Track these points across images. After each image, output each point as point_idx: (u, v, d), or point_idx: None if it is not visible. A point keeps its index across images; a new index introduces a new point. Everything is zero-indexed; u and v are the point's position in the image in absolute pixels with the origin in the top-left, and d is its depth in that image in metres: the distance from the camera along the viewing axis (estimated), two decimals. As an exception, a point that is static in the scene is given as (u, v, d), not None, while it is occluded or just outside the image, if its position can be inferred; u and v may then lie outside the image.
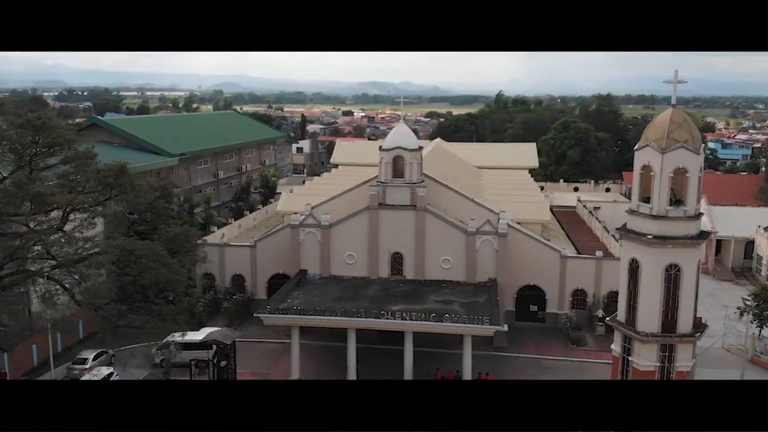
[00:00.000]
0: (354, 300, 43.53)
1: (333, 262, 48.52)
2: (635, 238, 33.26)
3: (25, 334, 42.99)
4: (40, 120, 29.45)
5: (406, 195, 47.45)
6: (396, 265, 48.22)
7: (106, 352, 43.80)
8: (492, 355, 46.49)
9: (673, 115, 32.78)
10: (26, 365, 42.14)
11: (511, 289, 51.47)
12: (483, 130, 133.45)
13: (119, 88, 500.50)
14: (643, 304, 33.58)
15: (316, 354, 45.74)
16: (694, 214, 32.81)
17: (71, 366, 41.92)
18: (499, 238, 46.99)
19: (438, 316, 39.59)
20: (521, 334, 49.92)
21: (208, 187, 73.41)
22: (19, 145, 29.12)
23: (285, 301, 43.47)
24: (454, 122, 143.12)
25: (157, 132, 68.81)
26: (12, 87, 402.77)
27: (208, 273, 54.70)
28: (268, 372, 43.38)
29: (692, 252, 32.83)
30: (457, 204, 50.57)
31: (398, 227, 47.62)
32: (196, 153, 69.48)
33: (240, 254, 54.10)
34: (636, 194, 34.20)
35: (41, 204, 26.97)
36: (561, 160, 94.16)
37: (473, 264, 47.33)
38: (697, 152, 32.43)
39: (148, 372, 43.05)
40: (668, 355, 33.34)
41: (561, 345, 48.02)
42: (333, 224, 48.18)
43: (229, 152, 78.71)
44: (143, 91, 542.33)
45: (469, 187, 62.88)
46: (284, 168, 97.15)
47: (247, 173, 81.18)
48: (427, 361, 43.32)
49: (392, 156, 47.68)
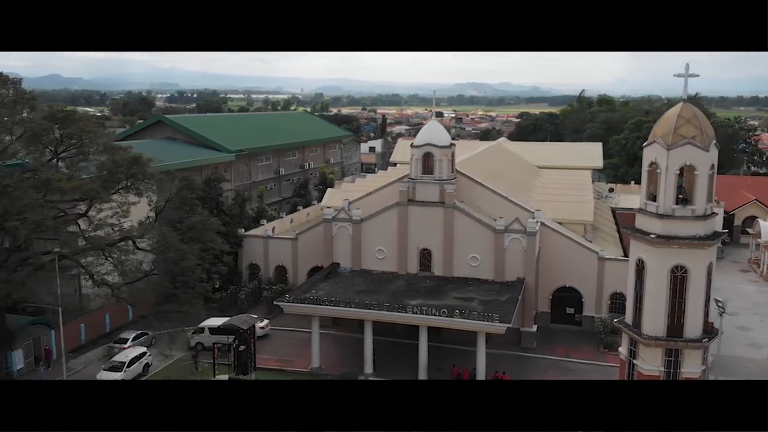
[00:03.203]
0: (375, 293, 44.30)
1: (364, 257, 49.48)
2: (640, 237, 32.13)
3: (75, 314, 46.84)
4: (62, 112, 32.33)
5: (435, 191, 47.66)
6: (424, 262, 48.53)
7: (146, 334, 46.86)
8: (517, 355, 45.90)
9: (683, 110, 31.38)
10: (74, 342, 45.80)
11: (547, 290, 50.50)
12: (563, 129, 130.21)
13: (227, 91, 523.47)
14: (648, 306, 32.37)
15: (343, 345, 46.91)
16: (704, 214, 31.26)
17: (112, 345, 45.26)
18: (528, 237, 46.25)
19: (449, 312, 39.65)
20: (553, 336, 48.92)
21: (269, 183, 76.41)
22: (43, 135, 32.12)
23: (309, 291, 44.91)
24: (533, 122, 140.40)
25: (218, 129, 72.48)
26: (128, 89, 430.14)
27: (253, 263, 57.26)
28: (292, 360, 44.97)
29: (701, 253, 31.27)
30: (492, 202, 50.23)
31: (427, 223, 47.91)
32: (256, 150, 72.50)
33: (282, 246, 56.17)
34: (644, 192, 33.02)
35: (50, 190, 29.71)
36: (633, 161, 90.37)
37: (501, 262, 46.84)
38: (706, 149, 30.88)
39: (181, 354, 45.67)
40: (674, 361, 31.96)
41: (593, 349, 46.61)
42: (364, 219, 49.14)
43: (292, 150, 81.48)
44: (249, 94, 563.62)
45: (518, 185, 62.11)
46: (351, 166, 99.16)
47: (309, 171, 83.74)
48: (447, 358, 43.46)
49: (422, 153, 48.03)
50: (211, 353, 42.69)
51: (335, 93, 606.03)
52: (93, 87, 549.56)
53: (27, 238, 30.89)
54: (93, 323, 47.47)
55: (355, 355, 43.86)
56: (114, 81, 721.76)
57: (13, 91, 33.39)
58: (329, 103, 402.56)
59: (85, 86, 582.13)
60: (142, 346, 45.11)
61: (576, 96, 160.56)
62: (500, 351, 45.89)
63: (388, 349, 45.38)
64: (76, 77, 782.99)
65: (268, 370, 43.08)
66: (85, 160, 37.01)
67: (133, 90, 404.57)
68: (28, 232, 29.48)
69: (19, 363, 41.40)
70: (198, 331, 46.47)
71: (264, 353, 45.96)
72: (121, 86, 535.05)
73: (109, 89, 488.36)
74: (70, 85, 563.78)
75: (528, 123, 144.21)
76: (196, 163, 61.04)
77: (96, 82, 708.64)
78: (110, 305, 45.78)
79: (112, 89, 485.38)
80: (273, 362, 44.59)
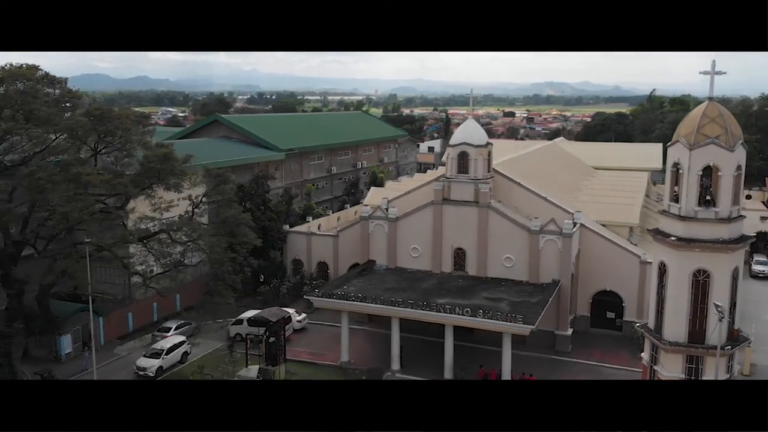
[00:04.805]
0: (406, 291, 44.63)
1: (399, 255, 49.90)
2: (662, 239, 31.19)
3: (124, 303, 49.50)
4: (99, 110, 34.43)
5: (470, 191, 47.53)
6: (458, 261, 48.47)
7: (189, 324, 48.96)
8: (551, 358, 45.24)
9: (708, 108, 30.29)
10: (122, 330, 48.40)
11: (587, 293, 49.43)
12: (632, 130, 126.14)
13: (305, 93, 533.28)
14: (670, 310, 31.40)
15: (375, 341, 47.48)
16: (728, 217, 30.05)
17: (155, 333, 47.54)
18: (563, 238, 45.45)
19: (473, 312, 39.54)
20: (591, 341, 47.85)
21: (321, 181, 77.95)
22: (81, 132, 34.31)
23: (341, 287, 45.75)
24: (601, 122, 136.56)
25: (272, 129, 74.49)
26: (211, 90, 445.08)
27: (297, 259, 58.74)
28: (323, 353, 45.91)
29: (725, 258, 30.08)
30: (532, 202, 49.60)
31: (461, 223, 47.84)
32: (308, 149, 74.11)
33: (324, 243, 57.31)
34: (668, 193, 32.08)
35: (79, 184, 31.74)
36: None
37: (536, 264, 46.21)
38: (730, 149, 29.71)
39: (220, 344, 47.48)
40: (695, 368, 30.84)
41: (630, 354, 45.24)
42: (399, 218, 49.54)
43: (345, 149, 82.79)
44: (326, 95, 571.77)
45: (566, 186, 61.02)
46: (407, 166, 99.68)
47: (362, 170, 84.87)
48: (478, 358, 43.33)
49: (458, 152, 48.00)
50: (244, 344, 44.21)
51: (409, 93, 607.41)
52: (178, 88, 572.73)
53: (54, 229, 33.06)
54: (140, 312, 49.94)
55: (385, 352, 44.29)
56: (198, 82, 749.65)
57: (59, 90, 35.85)
58: (401, 103, 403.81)
59: (171, 87, 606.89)
60: (183, 335, 47.14)
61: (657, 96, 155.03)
62: (533, 353, 45.39)
63: (420, 347, 45.69)
64: (162, 78, 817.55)
65: (299, 362, 44.20)
66: (128, 156, 39.13)
67: (215, 91, 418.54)
68: (55, 223, 31.61)
69: (68, 347, 44.12)
70: (237, 322, 48.12)
71: (299, 346, 47.27)
72: (204, 87, 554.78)
73: (193, 90, 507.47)
74: (156, 86, 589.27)
75: (596, 123, 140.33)
76: (246, 161, 63.06)
77: (181, 83, 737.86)
78: (157, 296, 48.12)
79: (195, 90, 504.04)
80: (305, 355, 45.69)
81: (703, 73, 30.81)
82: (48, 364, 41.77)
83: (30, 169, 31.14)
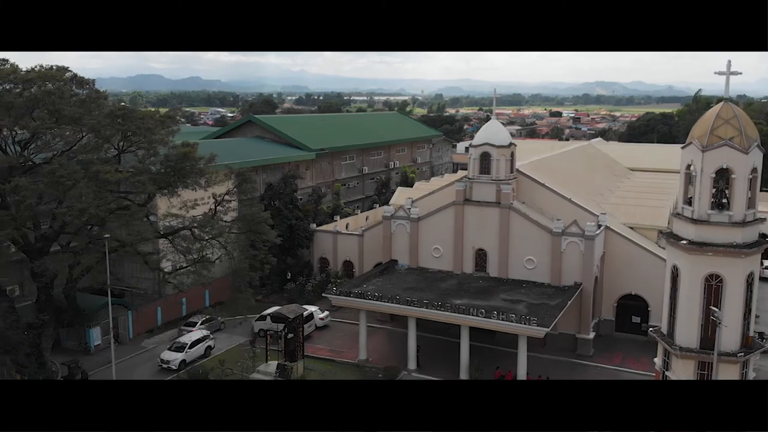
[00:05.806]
0: (424, 291, 44.75)
1: (421, 254, 50.04)
2: (674, 242, 30.61)
3: (154, 297, 51.05)
4: (122, 111, 35.69)
5: (491, 191, 47.32)
6: (480, 262, 48.32)
7: (215, 319, 50.17)
8: (571, 362, 44.68)
9: (722, 110, 29.64)
10: (150, 324, 49.91)
11: (611, 296, 48.62)
12: (677, 131, 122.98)
13: (352, 93, 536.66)
14: (682, 315, 30.84)
15: (394, 339, 47.74)
16: (742, 221, 29.26)
17: (182, 328, 48.89)
18: (586, 241, 44.85)
19: (487, 313, 39.44)
20: (615, 345, 47.06)
21: (353, 181, 78.57)
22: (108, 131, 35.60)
23: (361, 285, 46.18)
24: (645, 122, 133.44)
25: (305, 129, 75.49)
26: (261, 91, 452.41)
27: (323, 257, 59.47)
28: (343, 351, 46.43)
29: (739, 262, 29.33)
30: (556, 204, 49.08)
31: (483, 224, 47.67)
32: (339, 149, 74.83)
33: (349, 242, 57.87)
34: (681, 196, 31.45)
35: (98, 182, 32.95)
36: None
37: (558, 266, 45.70)
38: (745, 151, 28.96)
39: (244, 339, 48.50)
40: (707, 374, 30.12)
41: (651, 359, 44.10)
42: (421, 218, 49.67)
43: (377, 149, 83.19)
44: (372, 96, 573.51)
45: (597, 187, 60.15)
46: (441, 166, 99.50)
47: (395, 170, 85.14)
48: (496, 360, 43.15)
49: (480, 152, 47.83)
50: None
51: (456, 94, 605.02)
52: (229, 89, 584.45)
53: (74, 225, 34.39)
54: (169, 307, 51.40)
55: (404, 351, 44.42)
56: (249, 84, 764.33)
57: (88, 90, 37.32)
58: (447, 103, 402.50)
59: (222, 88, 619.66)
60: (209, 330, 48.33)
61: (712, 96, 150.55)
62: (553, 357, 45.01)
63: (440, 347, 45.76)
64: (214, 80, 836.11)
65: (318, 359, 44.83)
66: (154, 155, 40.38)
67: (264, 92, 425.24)
68: (73, 219, 32.94)
69: (97, 339, 45.78)
70: (261, 318, 49.07)
71: (320, 343, 47.95)
72: (255, 89, 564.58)
73: (243, 91, 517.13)
74: (208, 87, 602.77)
75: (640, 124, 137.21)
76: (275, 160, 64.10)
77: (232, 84, 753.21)
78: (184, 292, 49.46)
79: (246, 91, 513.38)
80: (325, 352, 46.31)
81: (718, 74, 30.06)
82: (77, 355, 43.49)
83: (52, 167, 32.52)
